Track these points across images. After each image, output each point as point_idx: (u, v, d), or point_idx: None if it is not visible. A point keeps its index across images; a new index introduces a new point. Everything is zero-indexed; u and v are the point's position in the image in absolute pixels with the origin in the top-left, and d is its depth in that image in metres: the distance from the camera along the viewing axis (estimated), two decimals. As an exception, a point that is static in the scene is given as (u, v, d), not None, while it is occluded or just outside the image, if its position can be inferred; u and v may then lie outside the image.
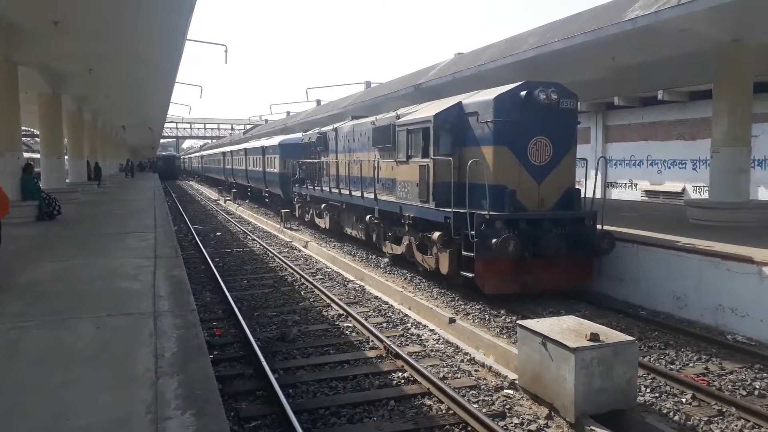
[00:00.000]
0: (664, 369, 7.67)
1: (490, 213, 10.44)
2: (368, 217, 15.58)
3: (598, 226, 11.20)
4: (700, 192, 22.48)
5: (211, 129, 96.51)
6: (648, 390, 7.09)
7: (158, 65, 19.19)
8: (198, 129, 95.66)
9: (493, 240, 10.19)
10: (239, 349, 8.88)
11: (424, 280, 13.10)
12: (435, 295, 11.81)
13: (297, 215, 24.28)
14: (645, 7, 11.86)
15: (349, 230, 18.40)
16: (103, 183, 32.33)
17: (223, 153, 49.64)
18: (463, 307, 10.86)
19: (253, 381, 7.60)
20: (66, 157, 26.44)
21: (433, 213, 11.76)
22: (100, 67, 19.10)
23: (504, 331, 9.37)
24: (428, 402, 6.89)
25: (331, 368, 8.04)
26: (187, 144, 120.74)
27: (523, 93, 10.81)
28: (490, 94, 11.22)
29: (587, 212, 11.36)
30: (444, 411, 6.64)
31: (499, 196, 10.67)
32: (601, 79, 18.44)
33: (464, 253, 10.78)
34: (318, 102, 46.54)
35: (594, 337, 6.24)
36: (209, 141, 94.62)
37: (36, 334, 5.82)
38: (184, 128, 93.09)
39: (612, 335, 6.48)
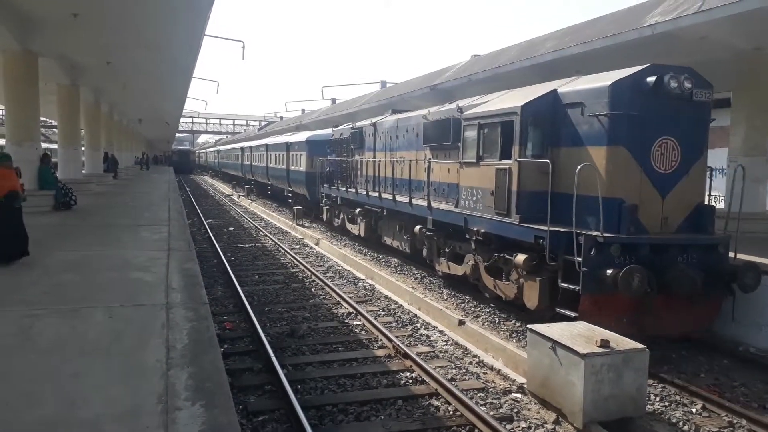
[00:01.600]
0: (675, 378, 7.61)
1: (605, 235, 8.12)
2: (418, 227, 13.23)
3: (731, 254, 8.94)
4: (716, 201, 22.26)
5: (227, 125, 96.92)
6: (657, 399, 7.04)
7: (176, 59, 19.32)
8: (213, 124, 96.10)
9: (608, 271, 7.89)
10: (249, 344, 8.92)
11: (434, 281, 13.10)
12: (445, 297, 11.79)
13: (325, 219, 21.81)
14: (665, 13, 11.78)
15: (388, 240, 16.04)
16: (118, 175, 32.57)
17: (242, 148, 46.71)
18: (473, 309, 10.84)
19: (262, 375, 7.63)
20: (83, 148, 26.68)
21: (516, 230, 9.41)
22: (119, 59, 19.28)
23: (513, 335, 9.34)
24: (436, 403, 6.89)
25: (339, 365, 8.06)
26: (202, 139, 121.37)
27: (650, 79, 8.47)
28: (601, 79, 8.88)
29: (722, 236, 8.98)
30: (451, 412, 6.63)
31: (613, 213, 8.31)
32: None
33: (562, 284, 8.46)
34: (333, 100, 46.63)
35: (604, 343, 6.21)
36: (224, 136, 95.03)
37: (49, 322, 5.89)
38: (200, 123, 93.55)
39: (623, 342, 6.45)
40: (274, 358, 7.79)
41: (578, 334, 6.63)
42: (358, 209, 17.77)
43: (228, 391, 4.37)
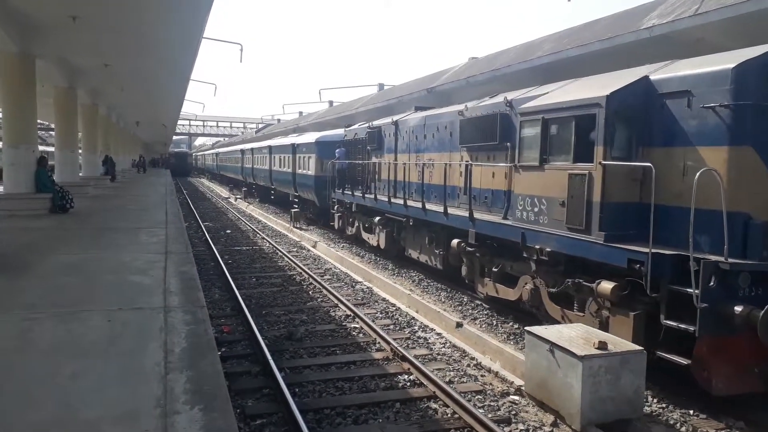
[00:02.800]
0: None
1: (731, 260, 6.42)
2: (455, 241, 11.37)
3: None
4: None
5: (224, 127, 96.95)
6: (655, 400, 7.05)
7: (174, 62, 19.32)
8: (211, 127, 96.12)
9: (738, 307, 6.33)
10: (247, 347, 8.92)
11: (432, 284, 13.10)
12: (443, 299, 11.80)
13: (336, 227, 20.10)
14: (662, 16, 11.83)
15: (414, 254, 14.14)
16: (116, 178, 32.55)
17: (242, 150, 44.74)
18: (470, 311, 10.85)
19: (260, 379, 7.63)
20: (80, 151, 26.66)
21: (600, 250, 7.61)
22: (116, 62, 19.27)
23: (511, 337, 9.35)
24: (434, 405, 6.90)
25: (337, 368, 8.07)
26: (199, 141, 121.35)
27: None
28: (717, 62, 7.11)
29: None
30: (449, 415, 6.64)
31: (737, 232, 6.66)
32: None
33: (666, 322, 6.76)
34: (331, 103, 46.65)
35: (602, 345, 6.22)
36: (222, 139, 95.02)
37: (48, 325, 5.88)
38: (197, 126, 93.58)
39: (620, 344, 6.46)
40: (271, 362, 7.79)
41: (576, 336, 6.64)
42: (378, 218, 15.92)
43: (226, 394, 4.37)
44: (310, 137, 25.34)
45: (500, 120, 10.49)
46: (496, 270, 10.40)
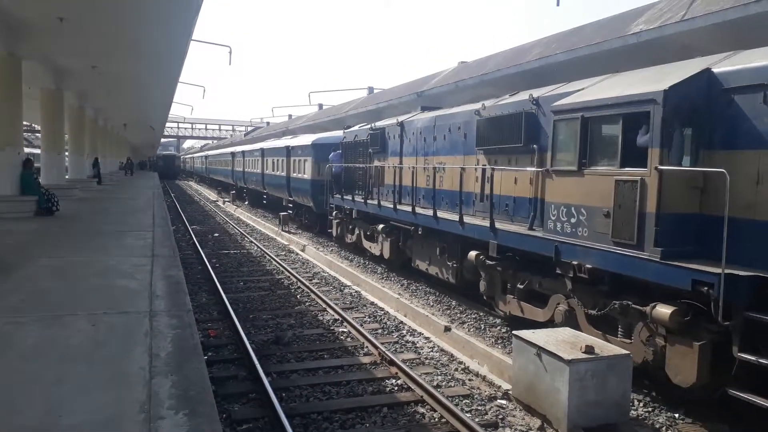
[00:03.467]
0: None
1: None
2: (473, 253, 10.34)
3: None
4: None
5: (212, 130, 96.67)
6: (641, 404, 7.09)
7: (162, 64, 19.25)
8: (199, 129, 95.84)
9: None
10: (233, 351, 8.87)
11: (421, 288, 13.10)
12: (431, 303, 11.80)
13: (335, 234, 18.81)
14: (649, 21, 11.93)
15: (423, 265, 13.00)
16: (103, 180, 32.35)
17: (233, 153, 43.14)
18: (458, 315, 10.86)
19: (247, 383, 7.59)
20: (66, 153, 26.46)
21: (656, 269, 6.63)
22: (104, 64, 19.15)
23: (499, 341, 9.37)
24: (421, 410, 6.89)
25: (325, 373, 8.04)
26: (187, 144, 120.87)
27: None
28: None
29: None
30: (437, 419, 6.63)
31: None
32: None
33: (741, 355, 5.87)
34: (320, 106, 46.66)
35: (589, 349, 6.24)
36: (210, 142, 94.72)
37: (31, 330, 5.81)
38: (186, 128, 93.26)
39: (607, 348, 6.49)
40: (258, 366, 7.74)
41: (563, 340, 6.66)
42: (381, 225, 14.83)
43: (212, 399, 4.33)
44: (307, 139, 24.30)
45: (525, 120, 9.41)
46: (521, 287, 9.30)
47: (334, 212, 18.66)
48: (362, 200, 15.82)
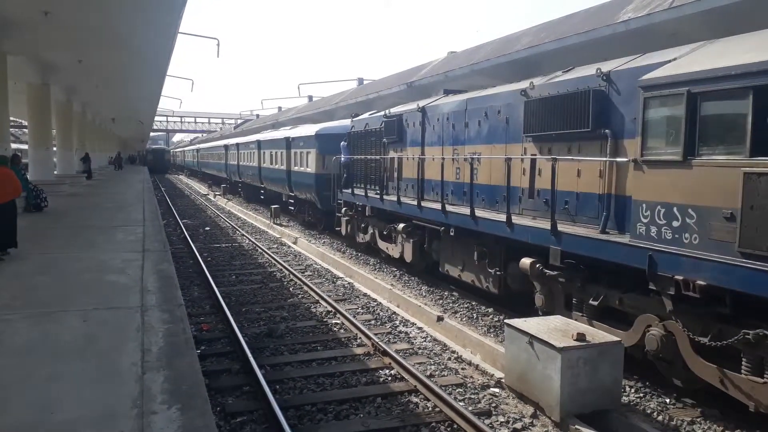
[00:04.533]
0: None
1: None
2: (527, 261, 8.65)
3: None
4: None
5: (202, 123, 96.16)
6: (633, 390, 7.15)
7: (149, 57, 19.09)
8: (188, 123, 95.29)
9: None
10: (226, 345, 8.86)
11: (413, 278, 13.12)
12: (424, 293, 11.83)
13: (344, 233, 17.09)
14: (637, 9, 11.94)
15: (454, 271, 11.26)
16: (92, 175, 32.15)
17: (226, 146, 40.80)
18: (451, 305, 10.89)
19: (240, 376, 7.58)
20: (54, 148, 26.26)
21: None
22: (91, 58, 18.98)
23: (491, 330, 9.41)
24: (415, 399, 6.91)
25: (318, 365, 8.05)
26: (177, 138, 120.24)
27: None
28: None
29: None
30: (430, 408, 6.66)
31: None
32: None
33: None
34: (310, 98, 46.51)
35: (580, 337, 6.28)
36: (200, 135, 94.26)
37: (21, 326, 5.78)
38: (175, 122, 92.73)
39: (598, 335, 6.53)
40: (251, 359, 7.74)
41: (555, 328, 6.70)
42: (402, 224, 13.08)
43: (204, 393, 4.34)
44: (309, 129, 22.43)
45: (593, 99, 7.82)
46: (594, 303, 7.64)
47: (344, 209, 16.98)
48: (377, 196, 14.22)
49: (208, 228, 23.02)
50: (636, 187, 6.95)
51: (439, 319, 9.73)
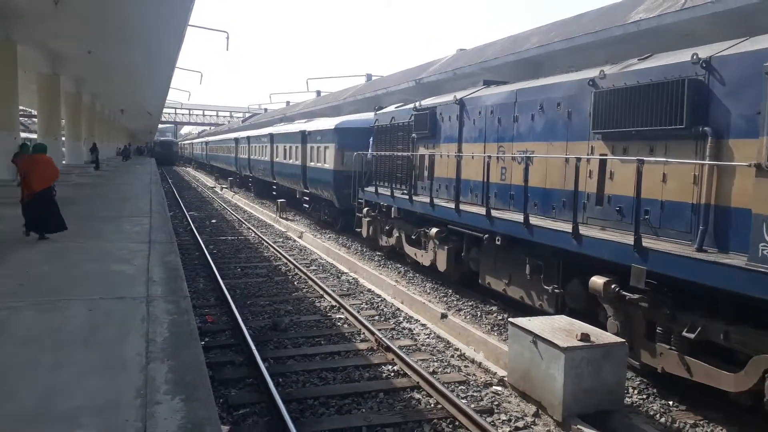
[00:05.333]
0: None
1: None
2: (600, 281, 7.29)
3: None
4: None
5: (210, 116, 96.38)
6: (636, 391, 7.13)
7: (159, 50, 19.12)
8: (197, 115, 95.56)
9: None
10: (231, 337, 8.89)
11: (417, 275, 13.12)
12: (428, 290, 11.83)
13: (365, 235, 15.94)
14: (649, 10, 11.87)
15: (498, 284, 9.96)
16: (100, 166, 32.28)
17: (236, 139, 39.59)
18: (455, 302, 10.89)
19: (244, 369, 7.61)
20: (63, 138, 26.38)
21: None
22: (100, 49, 19.03)
23: (495, 328, 9.40)
24: (417, 396, 6.92)
25: (321, 359, 8.06)
26: (185, 130, 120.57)
27: None
28: None
29: None
30: (432, 405, 6.66)
31: None
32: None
33: None
34: (318, 93, 46.51)
35: (584, 337, 6.26)
36: (208, 128, 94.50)
37: (27, 315, 5.81)
38: (183, 114, 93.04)
39: (602, 336, 6.51)
40: (255, 352, 7.76)
41: (559, 327, 6.68)
42: (435, 229, 11.72)
43: (208, 384, 4.35)
44: (328, 123, 20.96)
45: (689, 90, 6.64)
46: (690, 336, 6.32)
47: (365, 209, 15.67)
48: (405, 197, 12.90)
49: (214, 220, 23.08)
50: (759, 198, 5.63)
51: (443, 316, 9.73)
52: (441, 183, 12.16)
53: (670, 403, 6.84)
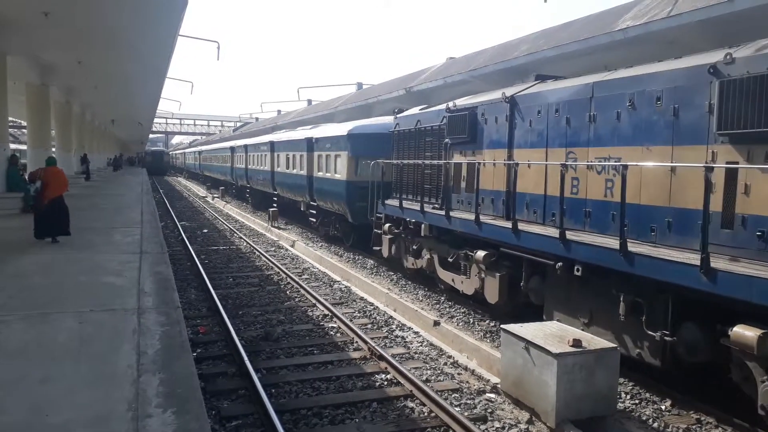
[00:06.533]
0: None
1: None
2: (749, 334, 5.55)
3: None
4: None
5: (201, 125, 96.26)
6: (628, 396, 7.15)
7: (150, 60, 19.10)
8: (188, 125, 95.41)
9: None
10: (223, 348, 8.85)
11: (410, 282, 13.12)
12: (420, 298, 11.83)
13: (386, 254, 13.99)
14: (636, 17, 11.99)
15: (574, 323, 7.79)
16: (91, 177, 32.13)
17: (232, 148, 37.94)
18: (447, 310, 10.90)
19: (236, 380, 7.57)
20: (53, 149, 26.26)
21: None
22: (90, 59, 19.00)
23: (488, 335, 9.41)
24: (410, 404, 6.91)
25: (314, 369, 8.04)
26: (176, 140, 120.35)
27: None
28: None
29: None
30: (426, 414, 6.65)
31: None
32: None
33: None
34: (309, 102, 46.55)
35: (577, 343, 6.28)
36: (198, 137, 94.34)
37: (17, 327, 5.78)
38: (174, 124, 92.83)
39: (594, 341, 6.54)
40: (248, 362, 7.73)
41: (551, 333, 6.70)
42: (483, 253, 9.74)
43: (200, 397, 4.33)
44: (339, 129, 19.07)
45: None
46: None
47: (387, 225, 13.74)
48: (440, 212, 11.16)
49: (206, 230, 23.00)
50: None
51: (436, 323, 9.72)
52: (484, 196, 10.37)
53: (663, 407, 6.86)
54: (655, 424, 6.46)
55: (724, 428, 6.33)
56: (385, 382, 7.56)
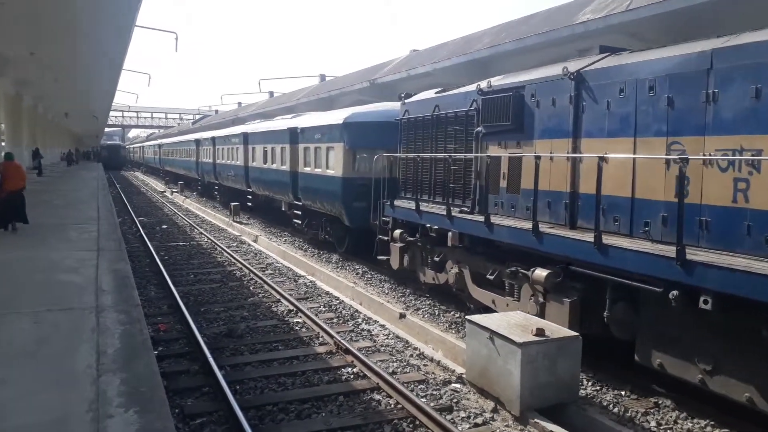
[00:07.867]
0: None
1: None
2: None
3: None
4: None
5: (159, 118, 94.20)
6: (590, 383, 7.31)
7: (105, 51, 18.61)
8: (145, 118, 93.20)
9: None
10: (185, 345, 8.70)
11: (375, 276, 13.13)
12: (386, 291, 11.85)
13: (396, 266, 11.56)
14: (596, 11, 12.20)
15: (686, 370, 6.05)
16: (43, 172, 31.17)
17: (198, 140, 34.68)
18: (413, 302, 10.94)
19: (200, 377, 7.46)
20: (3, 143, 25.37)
21: None
22: (43, 50, 18.39)
23: (453, 326, 9.49)
24: (377, 397, 6.92)
25: (279, 364, 7.98)
26: (133, 133, 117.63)
27: None
28: None
29: None
30: (393, 405, 6.68)
31: None
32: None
33: None
34: (271, 94, 46.10)
35: (540, 332, 6.38)
36: (156, 131, 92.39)
37: (-32, 329, 5.56)
38: (131, 117, 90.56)
39: (557, 330, 6.65)
40: (211, 359, 7.62)
41: (515, 323, 6.79)
42: (546, 272, 7.49)
43: (163, 395, 4.25)
44: (331, 117, 16.26)
45: None
46: None
47: (397, 231, 11.37)
48: (474, 218, 9.14)
49: (165, 226, 22.57)
50: None
51: (402, 316, 9.76)
52: (543, 197, 8.11)
53: (622, 393, 7.04)
54: (616, 410, 6.62)
55: (679, 411, 6.53)
56: (352, 376, 7.55)
